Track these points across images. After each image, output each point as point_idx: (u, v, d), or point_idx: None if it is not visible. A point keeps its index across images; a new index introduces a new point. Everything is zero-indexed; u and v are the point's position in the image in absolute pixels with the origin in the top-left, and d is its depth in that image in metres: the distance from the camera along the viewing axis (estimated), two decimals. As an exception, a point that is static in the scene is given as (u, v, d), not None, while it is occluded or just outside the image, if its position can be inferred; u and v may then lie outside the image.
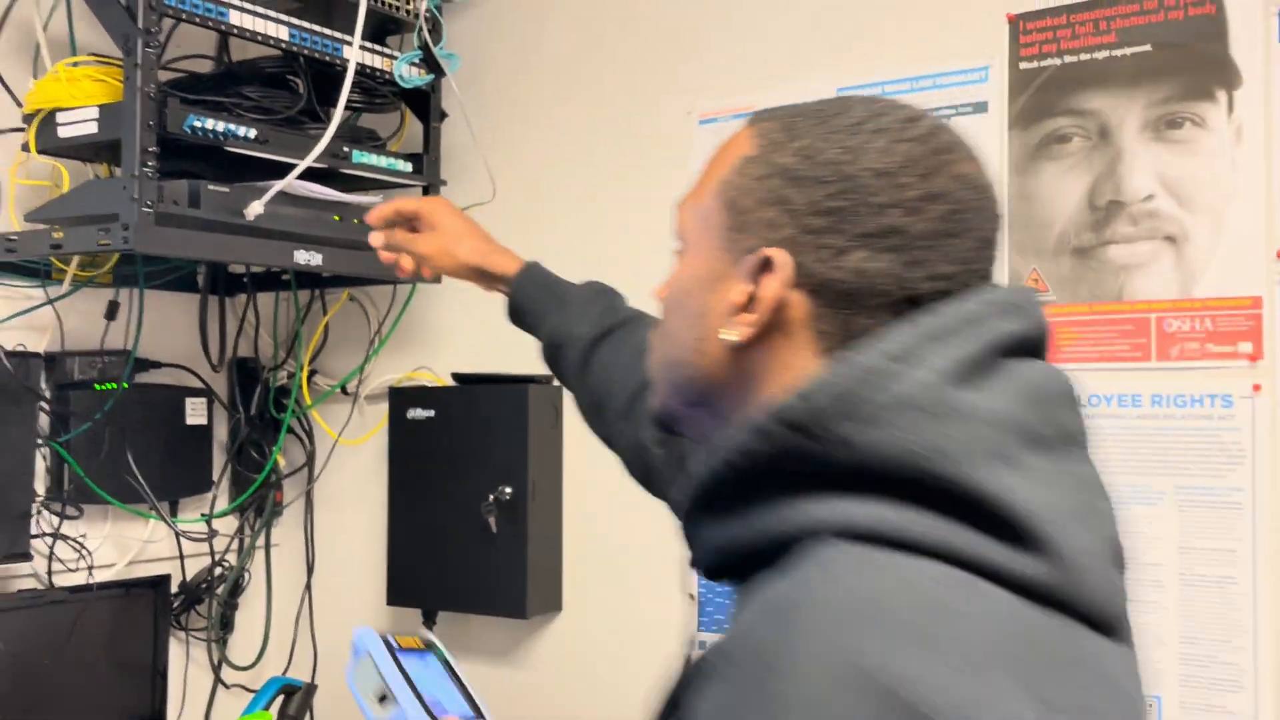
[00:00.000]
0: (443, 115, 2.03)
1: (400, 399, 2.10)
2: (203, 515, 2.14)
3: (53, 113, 1.67)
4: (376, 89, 1.94)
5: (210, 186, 1.64)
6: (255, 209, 1.66)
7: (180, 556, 2.13)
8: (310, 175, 1.73)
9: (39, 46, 1.84)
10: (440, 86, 2.01)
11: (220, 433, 2.21)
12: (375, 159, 1.91)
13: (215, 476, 2.19)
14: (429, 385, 2.15)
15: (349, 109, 1.85)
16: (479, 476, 1.99)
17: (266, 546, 2.31)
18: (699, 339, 0.79)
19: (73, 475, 1.90)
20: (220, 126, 1.66)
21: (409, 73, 1.93)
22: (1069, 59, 1.66)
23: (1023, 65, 1.69)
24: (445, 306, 2.17)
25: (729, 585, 0.78)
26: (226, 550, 2.23)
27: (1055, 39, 1.67)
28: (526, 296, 1.32)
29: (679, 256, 0.83)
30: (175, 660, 2.12)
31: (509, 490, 1.96)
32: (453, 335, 2.16)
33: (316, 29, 1.78)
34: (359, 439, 2.24)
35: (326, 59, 1.80)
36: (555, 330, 1.28)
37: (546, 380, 1.97)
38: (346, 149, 1.85)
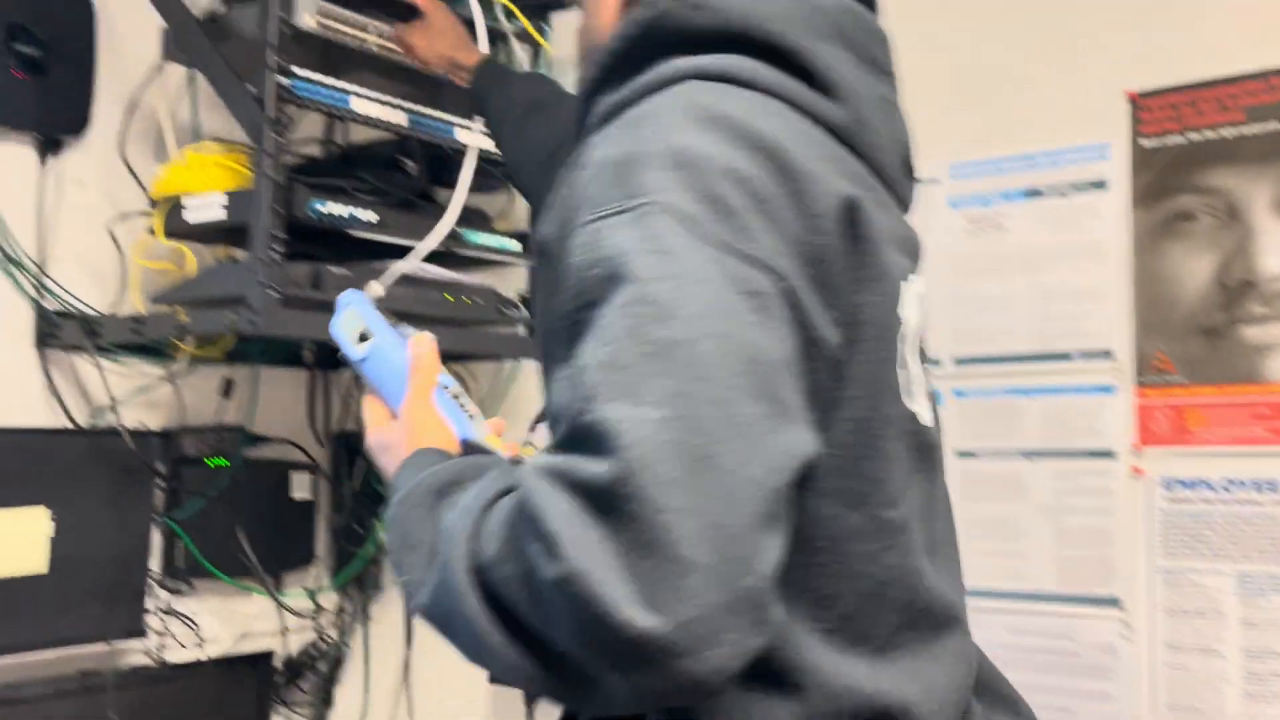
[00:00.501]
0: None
1: (502, 475, 2.09)
2: (307, 590, 2.15)
3: (179, 197, 1.71)
4: (489, 170, 1.96)
5: (332, 269, 1.66)
6: (376, 290, 1.67)
7: (283, 631, 2.14)
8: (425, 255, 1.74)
9: (161, 132, 1.89)
10: (547, 166, 2.03)
11: (323, 506, 2.22)
12: (487, 239, 1.93)
13: (318, 550, 2.20)
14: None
15: (461, 190, 1.87)
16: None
17: (364, 621, 2.31)
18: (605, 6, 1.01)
19: (184, 550, 1.91)
20: (344, 211, 1.68)
21: (519, 153, 1.94)
22: (1193, 136, 1.64)
23: (1144, 143, 1.67)
24: (548, 382, 2.17)
25: None
26: (329, 625, 2.23)
27: (1178, 116, 1.65)
28: (479, 84, 1.63)
29: None
30: (278, 737, 2.12)
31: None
32: (555, 411, 2.16)
33: (433, 114, 1.81)
34: (460, 514, 2.22)
35: (439, 140, 1.83)
36: (498, 109, 1.59)
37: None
38: (459, 230, 1.87)
